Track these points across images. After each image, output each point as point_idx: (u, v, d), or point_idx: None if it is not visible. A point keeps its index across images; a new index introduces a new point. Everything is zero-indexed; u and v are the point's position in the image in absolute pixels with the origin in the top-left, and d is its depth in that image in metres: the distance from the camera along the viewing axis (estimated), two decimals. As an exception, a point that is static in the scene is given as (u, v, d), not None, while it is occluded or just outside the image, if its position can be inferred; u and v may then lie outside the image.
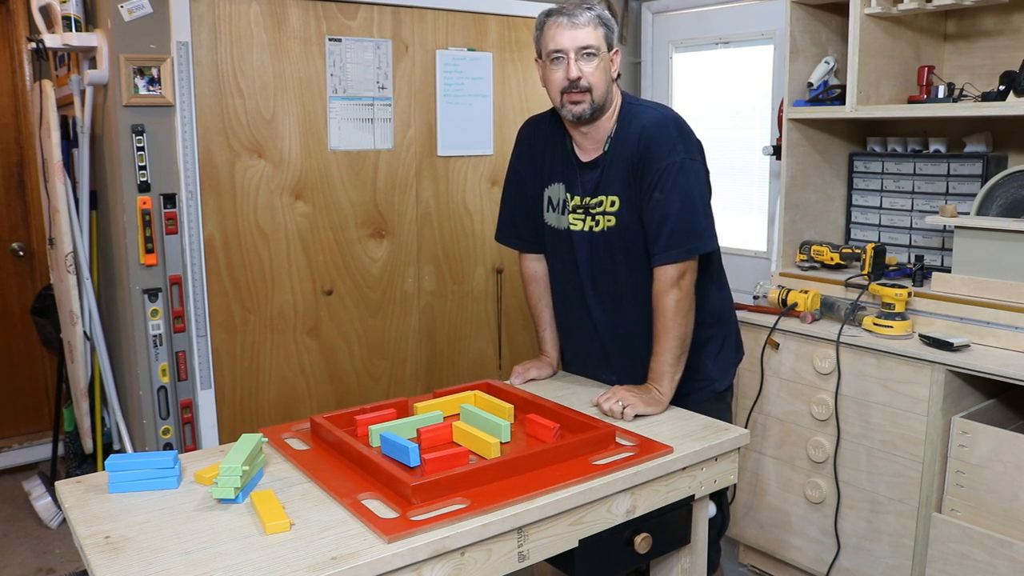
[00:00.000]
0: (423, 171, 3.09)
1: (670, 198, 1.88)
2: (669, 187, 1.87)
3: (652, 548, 1.65)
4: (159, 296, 2.61)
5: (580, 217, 2.02)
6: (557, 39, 1.88)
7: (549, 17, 1.91)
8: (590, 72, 1.88)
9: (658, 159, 1.88)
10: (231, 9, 2.64)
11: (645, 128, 1.91)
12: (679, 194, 1.88)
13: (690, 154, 1.91)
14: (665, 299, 1.90)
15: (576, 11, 1.88)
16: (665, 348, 1.91)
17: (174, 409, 2.68)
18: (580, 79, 1.88)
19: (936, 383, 2.22)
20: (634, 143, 1.92)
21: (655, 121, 1.92)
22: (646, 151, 1.89)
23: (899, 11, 2.45)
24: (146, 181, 2.55)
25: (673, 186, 1.88)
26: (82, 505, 1.47)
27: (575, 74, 1.88)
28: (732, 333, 2.18)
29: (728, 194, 3.52)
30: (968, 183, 2.56)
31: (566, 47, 1.88)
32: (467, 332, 3.30)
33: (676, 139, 1.90)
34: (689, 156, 1.90)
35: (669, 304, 1.89)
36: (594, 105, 1.91)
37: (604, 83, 1.91)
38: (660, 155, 1.88)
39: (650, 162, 1.89)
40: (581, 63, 1.88)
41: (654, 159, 1.88)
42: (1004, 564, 2.10)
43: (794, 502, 2.64)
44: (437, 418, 1.83)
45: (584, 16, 1.87)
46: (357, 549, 1.30)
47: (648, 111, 1.96)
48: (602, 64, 1.90)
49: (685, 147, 1.90)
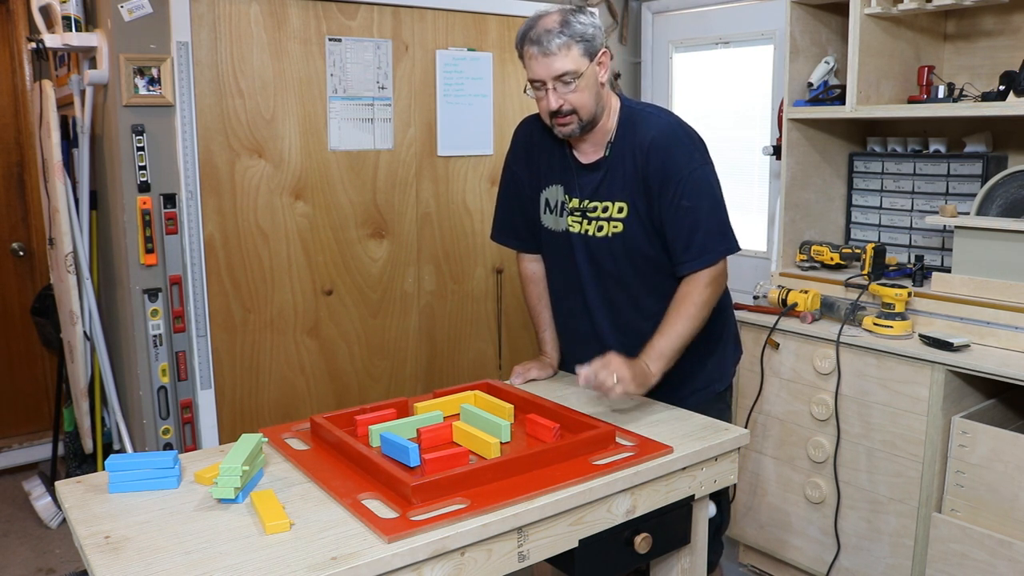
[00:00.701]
0: (423, 171, 3.09)
1: (699, 205, 1.89)
2: (695, 194, 1.89)
3: (652, 548, 1.65)
4: (159, 296, 2.61)
5: (578, 220, 2.01)
6: (534, 69, 1.86)
7: (523, 45, 1.87)
8: (572, 96, 1.86)
9: (678, 169, 1.88)
10: (231, 9, 2.64)
11: (656, 139, 1.90)
12: (706, 200, 1.90)
13: (704, 159, 1.93)
14: (698, 293, 1.89)
15: (547, 38, 1.82)
16: (677, 332, 1.88)
17: (174, 409, 2.68)
18: (563, 106, 1.87)
19: (936, 383, 2.22)
20: (644, 153, 1.90)
21: (664, 131, 1.92)
22: (664, 162, 1.89)
23: (899, 11, 2.45)
24: (146, 181, 2.55)
25: (699, 193, 1.89)
26: (82, 505, 1.47)
27: (554, 106, 1.87)
28: (731, 333, 2.18)
29: (728, 194, 3.50)
30: (968, 183, 2.56)
31: (542, 77, 1.85)
32: (467, 332, 3.30)
33: (690, 147, 1.91)
34: (704, 161, 1.92)
35: (701, 298, 1.89)
36: (583, 123, 1.91)
37: (590, 99, 1.88)
38: (679, 164, 1.88)
39: (670, 172, 1.89)
40: (561, 89, 1.85)
41: (674, 169, 1.88)
42: (1004, 564, 2.10)
43: (794, 502, 2.64)
44: (437, 418, 1.83)
45: (555, 43, 1.82)
46: (357, 549, 1.30)
47: (652, 118, 1.95)
48: (584, 81, 1.86)
49: (700, 153, 1.92)
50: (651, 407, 1.94)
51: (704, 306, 1.90)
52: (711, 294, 1.91)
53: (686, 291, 1.91)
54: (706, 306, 1.90)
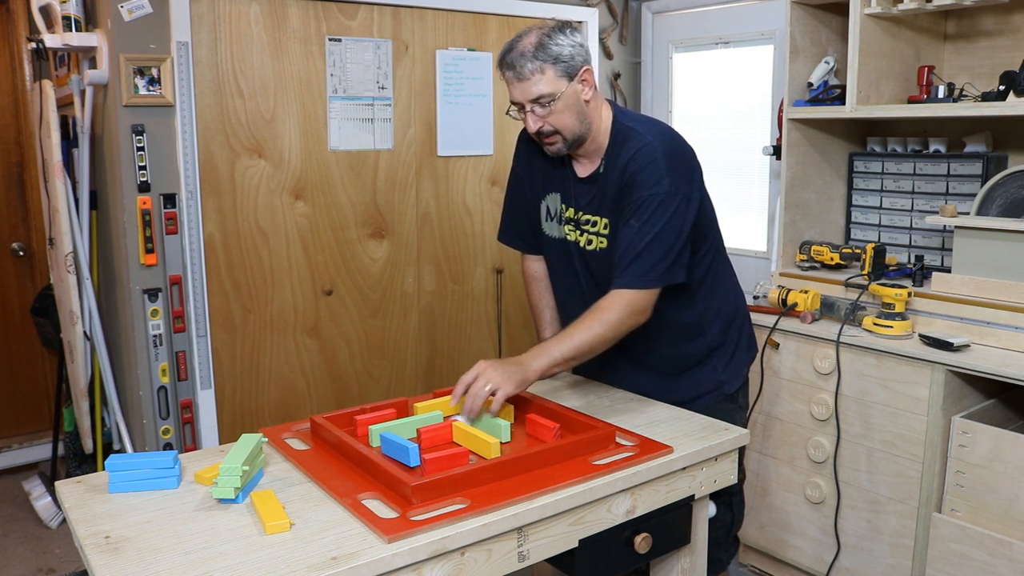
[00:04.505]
0: (423, 171, 3.09)
1: (645, 229, 1.82)
2: (648, 218, 1.83)
3: (652, 548, 1.65)
4: (159, 296, 2.61)
5: (572, 230, 2.02)
6: (512, 92, 1.87)
7: (501, 68, 1.87)
8: (552, 118, 1.85)
9: (641, 189, 1.84)
10: (231, 9, 2.64)
11: (633, 157, 1.86)
12: (656, 226, 1.82)
13: (676, 187, 1.84)
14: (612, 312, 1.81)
15: (520, 62, 1.81)
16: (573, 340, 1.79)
17: (174, 409, 2.68)
18: (543, 127, 1.87)
19: (936, 383, 2.22)
20: (623, 169, 1.88)
21: (643, 150, 1.86)
22: (632, 179, 1.85)
23: (899, 11, 2.45)
24: (146, 181, 2.55)
25: (652, 218, 1.82)
26: (82, 505, 1.47)
27: (534, 128, 1.87)
28: (745, 334, 2.15)
29: (728, 194, 3.52)
30: (968, 183, 2.56)
31: (520, 100, 1.86)
32: (467, 332, 3.30)
33: (663, 171, 1.84)
34: (673, 191, 1.84)
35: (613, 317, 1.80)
36: (568, 142, 1.89)
37: (571, 119, 1.86)
38: (645, 185, 1.83)
39: (634, 191, 1.85)
40: (539, 111, 1.85)
41: (638, 189, 1.84)
42: (1004, 564, 2.10)
43: (794, 502, 2.64)
44: (437, 418, 1.82)
45: (528, 67, 1.80)
46: (357, 549, 1.30)
47: (638, 136, 1.89)
48: (563, 103, 1.84)
49: (672, 179, 1.84)
50: (651, 407, 1.94)
51: (612, 327, 1.81)
52: (625, 321, 1.81)
53: (603, 304, 1.83)
54: (615, 328, 1.81)
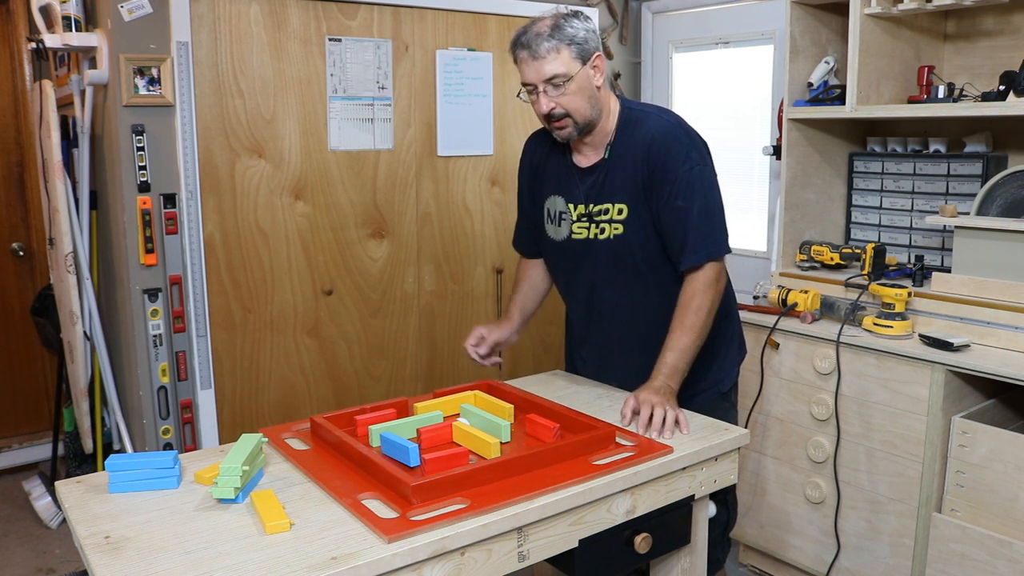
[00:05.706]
0: (423, 171, 3.09)
1: (690, 206, 1.89)
2: (689, 195, 1.89)
3: (652, 548, 1.65)
4: (159, 296, 2.61)
5: (584, 226, 2.02)
6: (525, 73, 1.88)
7: (515, 49, 1.89)
8: (564, 99, 1.87)
9: (675, 168, 1.89)
10: (231, 9, 2.64)
11: (656, 138, 1.91)
12: (699, 201, 1.90)
13: (703, 160, 1.93)
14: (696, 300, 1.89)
15: (536, 41, 1.84)
16: (683, 346, 1.88)
17: (174, 409, 2.68)
18: (554, 109, 1.88)
19: (936, 383, 2.22)
20: (643, 152, 1.91)
21: (664, 129, 1.92)
22: (662, 161, 1.90)
23: (899, 11, 2.45)
24: (146, 181, 2.55)
25: (692, 193, 1.89)
26: (82, 505, 1.47)
27: (545, 109, 1.88)
28: (736, 333, 2.19)
29: (728, 194, 3.50)
30: (968, 183, 2.56)
31: (533, 81, 1.87)
32: (467, 332, 3.25)
33: (688, 146, 1.91)
34: (702, 162, 1.92)
35: (700, 304, 1.89)
36: (579, 126, 1.91)
37: (584, 102, 1.89)
38: (676, 164, 1.89)
39: (667, 172, 1.89)
40: (551, 93, 1.86)
41: (671, 168, 1.89)
42: (1004, 564, 2.10)
43: (794, 502, 2.64)
44: (437, 418, 1.83)
45: (544, 46, 1.83)
46: (357, 549, 1.30)
47: (652, 118, 1.96)
48: (576, 84, 1.86)
49: (698, 153, 1.92)
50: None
51: (705, 312, 1.90)
52: (711, 299, 1.91)
53: (685, 300, 1.91)
54: (707, 312, 1.90)
